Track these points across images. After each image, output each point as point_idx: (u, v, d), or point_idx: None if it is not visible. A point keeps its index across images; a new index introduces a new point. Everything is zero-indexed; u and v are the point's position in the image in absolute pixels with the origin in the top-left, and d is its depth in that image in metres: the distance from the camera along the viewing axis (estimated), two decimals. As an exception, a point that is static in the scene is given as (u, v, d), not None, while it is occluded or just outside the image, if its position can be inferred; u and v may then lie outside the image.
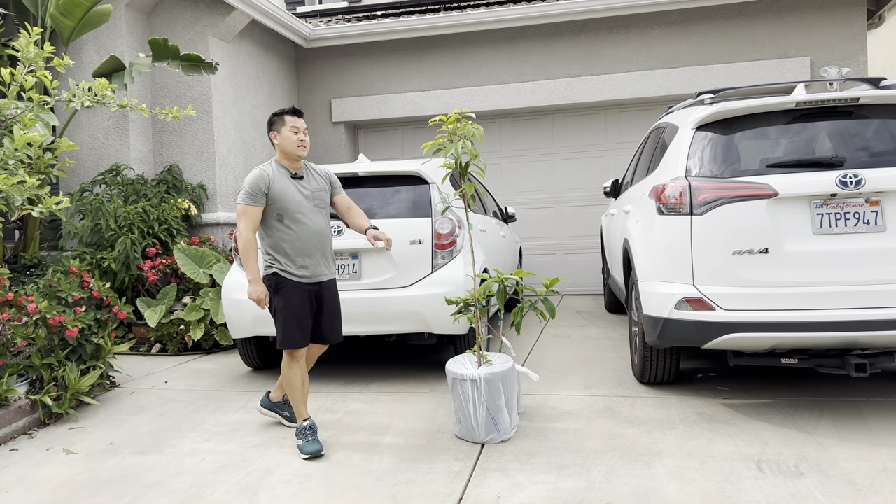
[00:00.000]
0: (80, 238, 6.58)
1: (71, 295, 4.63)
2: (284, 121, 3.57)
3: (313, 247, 3.59)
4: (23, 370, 4.32)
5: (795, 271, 3.62)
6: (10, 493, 3.21)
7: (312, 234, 3.58)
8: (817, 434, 3.47)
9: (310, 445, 3.47)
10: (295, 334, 3.54)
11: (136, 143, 7.32)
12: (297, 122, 3.58)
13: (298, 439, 3.54)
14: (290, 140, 3.55)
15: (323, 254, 3.64)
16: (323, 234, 3.64)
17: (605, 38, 8.73)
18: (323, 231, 3.64)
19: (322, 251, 3.63)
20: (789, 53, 8.25)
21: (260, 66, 8.56)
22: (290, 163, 3.62)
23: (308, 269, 3.58)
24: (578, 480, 3.04)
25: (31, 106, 4.73)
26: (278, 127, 3.59)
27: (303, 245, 3.55)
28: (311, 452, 3.45)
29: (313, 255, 3.59)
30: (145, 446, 3.75)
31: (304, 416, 3.62)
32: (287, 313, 3.53)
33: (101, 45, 7.24)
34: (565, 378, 4.77)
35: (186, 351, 6.23)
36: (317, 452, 3.44)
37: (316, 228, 3.60)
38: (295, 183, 3.59)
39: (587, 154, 9.28)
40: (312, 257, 3.59)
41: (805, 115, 3.91)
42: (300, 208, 3.56)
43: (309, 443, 3.49)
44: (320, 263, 3.63)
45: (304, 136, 3.58)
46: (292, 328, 3.53)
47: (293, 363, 3.59)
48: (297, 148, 3.56)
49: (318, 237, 3.60)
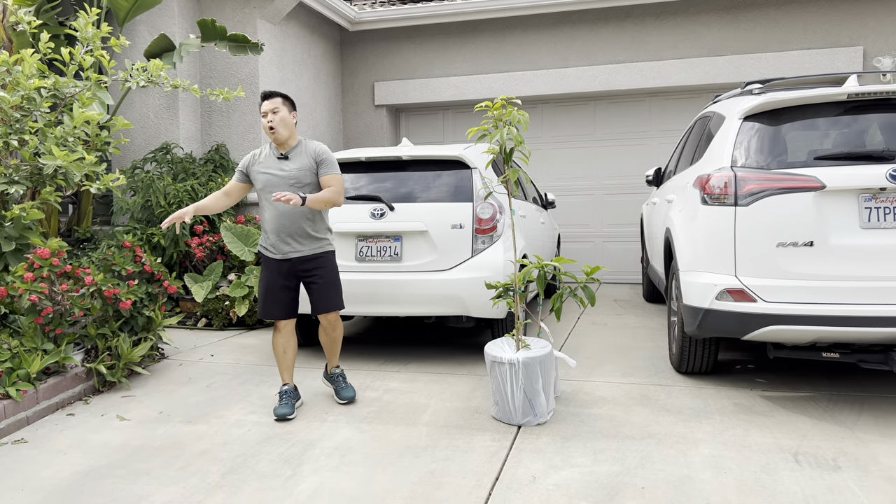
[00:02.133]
0: (132, 214, 6.79)
1: (124, 268, 4.81)
2: (260, 107, 3.81)
3: (282, 225, 3.79)
4: (79, 339, 4.51)
5: (841, 265, 3.59)
6: (68, 455, 3.38)
7: (281, 214, 3.78)
8: (857, 429, 3.45)
9: (280, 408, 3.78)
10: (268, 306, 3.86)
11: (185, 123, 7.50)
12: (265, 107, 3.76)
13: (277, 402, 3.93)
14: (263, 125, 3.86)
15: (292, 233, 3.81)
16: (294, 214, 3.79)
17: (652, 24, 8.62)
18: (293, 211, 3.78)
19: (291, 230, 3.80)
20: (841, 42, 8.05)
21: (305, 48, 8.67)
22: (275, 144, 3.85)
23: (278, 247, 3.83)
24: (614, 465, 3.09)
25: (88, 85, 4.90)
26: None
27: (275, 223, 3.80)
28: (279, 415, 3.75)
29: (282, 233, 3.80)
30: (194, 416, 3.90)
31: (284, 381, 3.98)
32: (262, 286, 3.88)
33: (154, 25, 7.41)
34: (602, 365, 4.81)
35: (231, 326, 6.41)
36: (282, 416, 3.74)
37: (284, 208, 3.77)
38: (278, 163, 3.82)
39: (629, 142, 9.21)
40: (281, 235, 3.80)
41: (856, 107, 3.84)
42: (272, 189, 3.79)
43: (280, 405, 3.80)
44: (291, 241, 3.82)
45: (273, 117, 3.74)
46: (266, 300, 3.86)
47: (275, 332, 3.94)
48: (268, 131, 3.78)
49: (287, 216, 3.78)
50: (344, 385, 4.11)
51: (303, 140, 3.90)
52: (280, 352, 3.94)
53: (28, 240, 4.52)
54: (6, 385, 3.79)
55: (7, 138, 4.29)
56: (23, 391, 3.82)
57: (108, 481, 3.05)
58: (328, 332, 4.07)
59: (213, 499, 2.85)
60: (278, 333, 3.93)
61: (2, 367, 3.84)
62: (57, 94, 4.64)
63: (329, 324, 4.03)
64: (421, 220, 4.79)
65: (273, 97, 3.77)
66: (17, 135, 4.36)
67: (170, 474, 3.11)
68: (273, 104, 3.76)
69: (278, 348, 3.94)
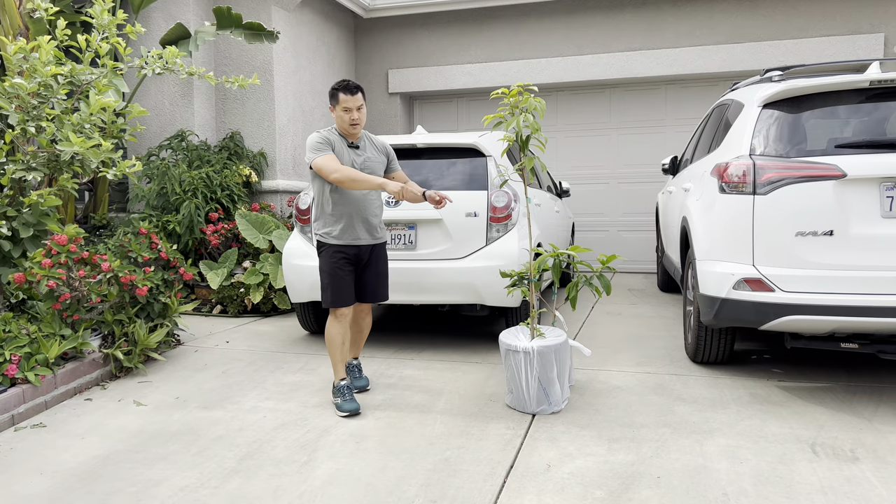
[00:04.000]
0: (147, 201, 6.83)
1: (141, 255, 4.84)
2: (338, 98, 3.67)
3: (356, 211, 3.72)
4: (96, 325, 4.55)
5: (861, 254, 3.54)
6: (86, 439, 3.42)
7: (354, 200, 3.72)
8: (875, 420, 3.42)
9: (348, 403, 3.64)
10: (339, 293, 3.72)
11: (200, 110, 7.52)
12: (350, 102, 3.65)
13: (335, 398, 3.73)
14: (342, 119, 3.69)
15: (363, 220, 3.76)
16: (365, 201, 3.76)
17: (668, 11, 8.52)
18: (365, 198, 3.76)
19: (362, 218, 3.75)
20: (862, 29, 7.92)
21: (320, 35, 8.65)
22: (346, 134, 3.76)
23: (349, 233, 3.72)
24: (629, 454, 3.08)
25: (104, 72, 4.91)
26: (333, 103, 3.71)
27: (346, 209, 3.71)
28: (349, 410, 3.62)
29: (353, 220, 3.72)
30: (210, 402, 3.93)
31: (342, 375, 3.79)
32: (328, 275, 3.72)
33: (169, 12, 7.42)
34: (616, 354, 4.79)
35: (246, 313, 6.45)
36: (354, 411, 3.62)
37: (358, 195, 3.72)
38: (351, 151, 3.74)
39: (645, 130, 9.14)
40: (354, 222, 3.72)
41: (878, 94, 3.78)
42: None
43: (347, 401, 3.66)
44: (360, 228, 3.75)
45: (357, 114, 3.68)
46: (336, 287, 3.72)
47: (335, 321, 3.76)
48: (348, 126, 3.70)
49: (360, 203, 3.73)
50: (358, 375, 4.09)
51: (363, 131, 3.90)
52: (339, 342, 3.77)
53: (45, 226, 4.56)
54: (25, 370, 3.83)
55: (24, 125, 4.31)
56: (41, 376, 3.86)
57: (126, 465, 3.08)
58: (362, 322, 4.07)
59: (230, 484, 2.87)
60: (339, 322, 3.76)
61: (21, 353, 3.88)
62: (73, 82, 4.66)
63: (367, 313, 4.06)
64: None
65: (357, 92, 3.68)
66: (34, 122, 4.38)
67: (186, 459, 3.13)
68: (358, 101, 3.68)
69: (337, 339, 3.76)
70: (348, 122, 3.68)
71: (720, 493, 2.69)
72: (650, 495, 2.69)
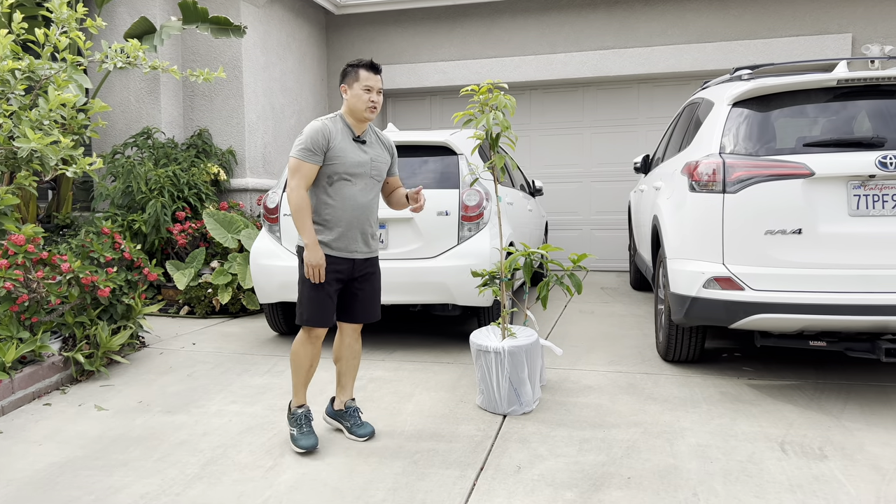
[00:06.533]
0: (112, 200, 6.68)
1: (103, 255, 4.71)
2: (359, 75, 3.12)
3: (356, 219, 3.17)
4: (56, 328, 4.42)
5: (829, 253, 3.56)
6: (43, 445, 3.30)
7: (359, 206, 3.17)
8: (843, 418, 3.44)
9: (305, 439, 3.14)
10: (322, 312, 3.15)
11: (167, 107, 7.37)
12: (372, 81, 3.12)
13: (291, 427, 3.22)
14: (360, 99, 3.11)
15: (362, 230, 3.21)
16: (370, 208, 3.23)
17: (641, 10, 8.55)
18: (370, 204, 3.23)
19: (362, 227, 3.20)
20: (830, 30, 8.02)
21: (290, 31, 8.53)
22: (355, 122, 3.19)
23: (342, 243, 3.16)
24: (599, 455, 3.05)
25: (64, 67, 4.77)
26: (350, 81, 3.15)
27: (346, 215, 3.15)
28: (306, 447, 3.12)
29: (353, 229, 3.17)
30: (174, 406, 3.83)
31: (302, 400, 3.27)
32: (312, 289, 3.15)
33: (133, 7, 7.26)
34: (589, 353, 4.77)
35: (214, 314, 6.33)
36: (312, 447, 3.12)
37: (364, 200, 3.19)
38: (357, 147, 3.18)
39: (618, 128, 9.16)
40: (353, 231, 3.17)
41: (845, 93, 3.80)
42: (356, 174, 3.15)
43: (304, 434, 3.16)
44: (358, 239, 3.20)
45: (377, 97, 3.15)
46: (317, 305, 3.15)
47: (308, 342, 3.21)
48: (366, 109, 3.13)
49: (364, 210, 3.20)
50: (360, 422, 3.38)
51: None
52: (308, 365, 3.24)
53: (2, 226, 4.41)
54: (-20, 374, 3.70)
55: (-20, 121, 4.17)
56: (-3, 381, 3.73)
57: (84, 473, 2.98)
58: (354, 346, 3.39)
59: (192, 490, 2.79)
60: (312, 344, 3.21)
61: (-25, 356, 3.75)
62: (32, 77, 4.52)
63: (357, 335, 3.40)
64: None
65: (380, 72, 3.17)
66: (-10, 118, 4.24)
67: (148, 465, 3.04)
68: (380, 82, 3.16)
69: (306, 361, 3.23)
70: (366, 103, 3.11)
71: (690, 493, 2.67)
72: (620, 496, 2.66)
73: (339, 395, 3.44)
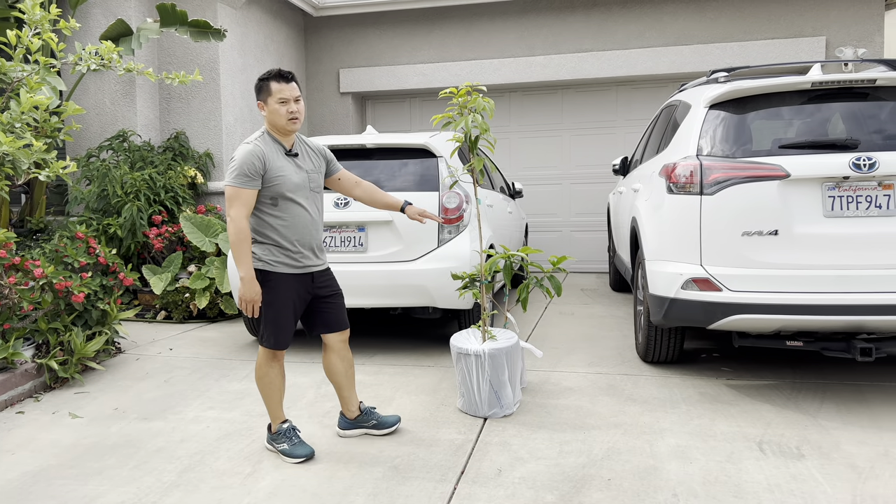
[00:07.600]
0: (87, 204, 6.58)
1: (77, 260, 4.64)
2: (270, 89, 3.02)
3: (307, 235, 3.12)
4: (29, 334, 4.34)
5: (804, 254, 3.59)
6: (16, 454, 3.24)
7: (308, 222, 3.13)
8: (820, 417, 3.47)
9: (300, 448, 3.12)
10: (286, 334, 3.12)
11: (143, 110, 7.28)
12: (286, 91, 3.02)
13: (279, 444, 3.15)
14: (278, 113, 3.02)
15: (313, 244, 3.16)
16: (317, 223, 3.19)
17: (618, 13, 8.60)
18: (317, 219, 3.20)
19: (313, 242, 3.16)
20: (805, 33, 8.13)
21: (268, 33, 8.47)
22: (282, 137, 3.10)
23: (299, 261, 3.10)
24: (580, 457, 3.05)
25: (37, 69, 4.69)
26: (264, 96, 3.05)
27: (297, 234, 3.08)
28: (304, 455, 3.09)
29: (305, 244, 3.12)
30: (150, 412, 3.78)
31: (282, 417, 3.23)
32: (275, 310, 3.08)
33: (109, 8, 7.16)
34: (569, 355, 4.78)
35: (191, 319, 6.26)
36: (310, 455, 3.10)
37: (312, 215, 3.15)
38: (291, 161, 3.10)
39: (597, 131, 9.21)
40: (305, 245, 3.12)
41: (820, 95, 3.85)
42: (298, 191, 3.08)
43: (297, 445, 3.13)
44: (313, 254, 3.16)
45: (295, 106, 3.04)
46: (281, 326, 3.10)
47: (274, 362, 3.17)
48: (287, 122, 3.04)
49: (313, 225, 3.15)
50: (379, 417, 3.41)
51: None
52: (279, 385, 3.19)
53: (-26, 231, 4.32)
54: (-50, 383, 3.62)
55: (-51, 124, 4.09)
56: (-32, 389, 3.65)
57: (58, 482, 2.93)
58: (346, 354, 3.32)
59: (169, 498, 2.75)
60: (278, 362, 3.17)
61: (-55, 364, 3.67)
62: (3, 79, 4.44)
63: (345, 344, 3.32)
64: (386, 209, 4.69)
65: (292, 80, 3.06)
66: (-40, 121, 4.16)
67: (123, 474, 2.99)
68: (295, 90, 3.05)
69: (276, 380, 3.18)
70: (286, 116, 3.01)
71: (670, 494, 2.68)
72: (601, 498, 2.66)
73: (347, 407, 3.38)
